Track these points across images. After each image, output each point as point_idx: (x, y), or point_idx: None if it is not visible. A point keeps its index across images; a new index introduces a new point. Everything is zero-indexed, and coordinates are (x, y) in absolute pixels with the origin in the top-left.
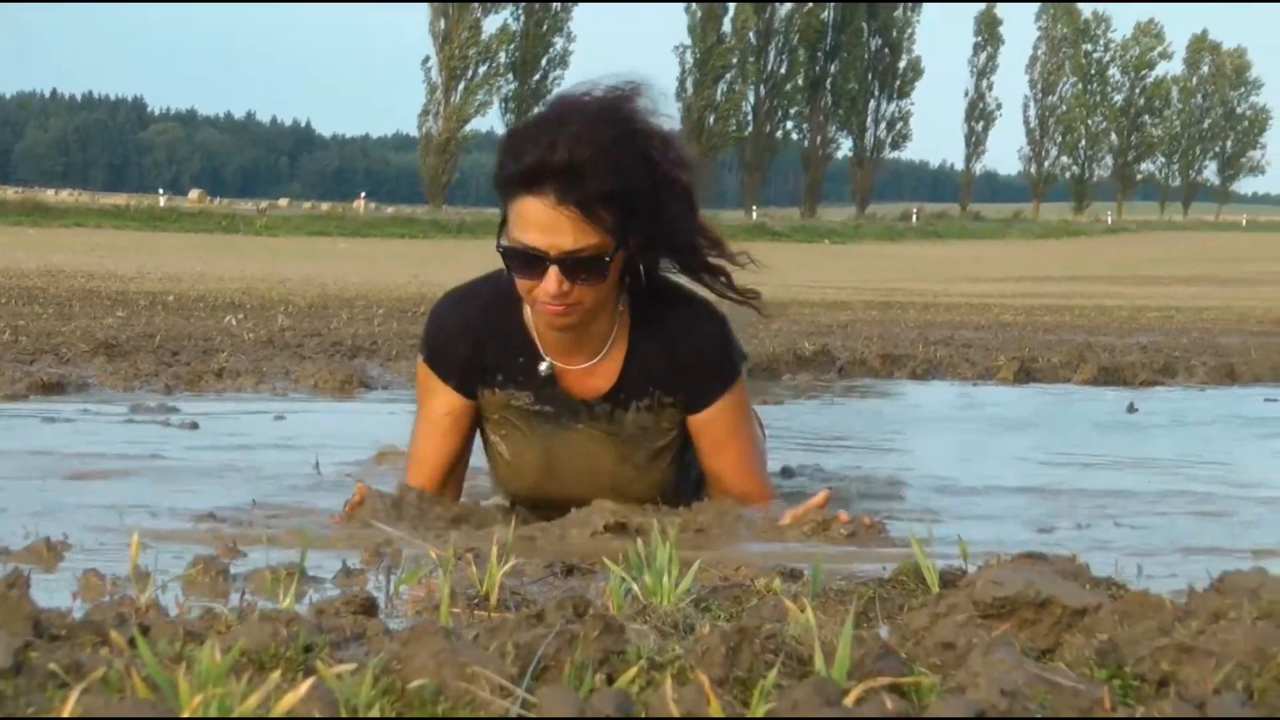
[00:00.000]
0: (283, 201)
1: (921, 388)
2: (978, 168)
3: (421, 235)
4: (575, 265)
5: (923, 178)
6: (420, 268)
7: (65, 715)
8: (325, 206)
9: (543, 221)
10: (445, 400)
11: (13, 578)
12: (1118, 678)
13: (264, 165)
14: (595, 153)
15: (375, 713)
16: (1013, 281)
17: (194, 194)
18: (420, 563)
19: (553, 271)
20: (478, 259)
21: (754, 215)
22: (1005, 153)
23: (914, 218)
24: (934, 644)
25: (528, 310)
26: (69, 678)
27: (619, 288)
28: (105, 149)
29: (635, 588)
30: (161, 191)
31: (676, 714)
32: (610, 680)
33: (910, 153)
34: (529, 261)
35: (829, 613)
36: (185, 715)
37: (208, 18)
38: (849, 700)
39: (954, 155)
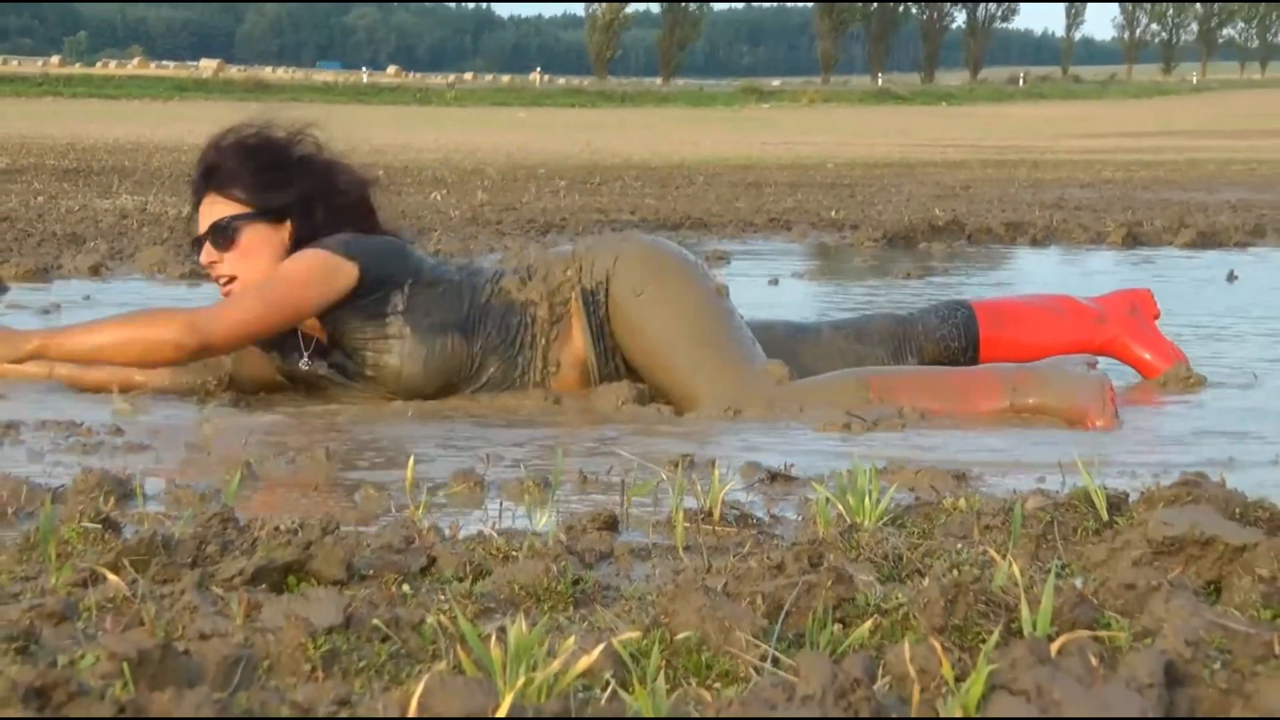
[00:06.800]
0: (468, 75)
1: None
2: (1077, 34)
3: (589, 105)
4: (214, 235)
5: (1027, 44)
6: (590, 134)
7: (412, 707)
8: (506, 79)
9: (200, 217)
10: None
11: (327, 523)
12: None
13: (451, 43)
14: (218, 150)
15: (662, 680)
16: (1111, 138)
17: (391, 69)
18: (649, 474)
19: (204, 245)
20: (640, 124)
21: (879, 81)
22: (1101, 21)
23: (1021, 81)
24: (1117, 585)
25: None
26: (390, 630)
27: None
28: (314, 30)
29: (841, 509)
30: (364, 69)
31: (913, 674)
32: (844, 624)
33: (1016, 23)
34: (195, 248)
35: (1010, 539)
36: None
37: None
38: (1054, 649)
39: (1054, 24)
